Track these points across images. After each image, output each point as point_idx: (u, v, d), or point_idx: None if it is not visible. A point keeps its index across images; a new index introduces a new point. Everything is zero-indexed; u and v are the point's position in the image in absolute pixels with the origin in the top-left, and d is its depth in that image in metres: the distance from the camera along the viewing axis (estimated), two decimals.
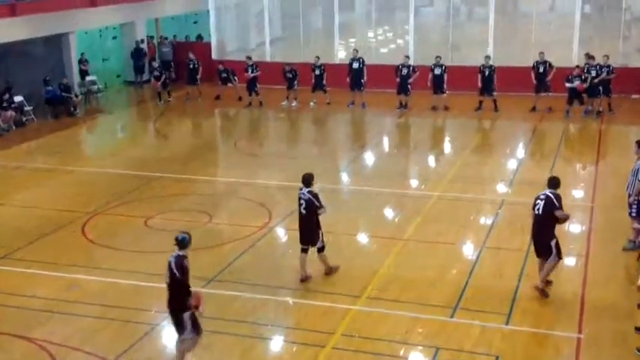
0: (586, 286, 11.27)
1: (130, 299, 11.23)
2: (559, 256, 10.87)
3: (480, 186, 16.43)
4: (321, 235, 11.59)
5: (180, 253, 8.86)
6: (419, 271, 12.07)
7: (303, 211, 11.48)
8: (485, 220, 14.43)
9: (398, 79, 23.67)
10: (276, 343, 10.07)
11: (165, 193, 16.39)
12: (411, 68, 23.67)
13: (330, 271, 11.83)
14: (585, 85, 21.76)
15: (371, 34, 30.14)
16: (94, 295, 11.33)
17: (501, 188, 16.37)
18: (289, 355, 9.83)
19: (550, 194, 10.81)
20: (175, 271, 8.73)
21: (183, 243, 8.88)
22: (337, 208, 15.74)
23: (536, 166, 18.17)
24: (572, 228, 13.76)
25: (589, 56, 22.61)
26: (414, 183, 17.42)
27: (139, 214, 14.89)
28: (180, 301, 8.79)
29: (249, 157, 19.61)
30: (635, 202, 12.31)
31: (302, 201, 11.44)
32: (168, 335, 10.30)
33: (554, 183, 11.00)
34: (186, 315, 8.80)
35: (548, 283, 11.07)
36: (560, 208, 10.73)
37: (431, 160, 19.46)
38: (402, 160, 19.65)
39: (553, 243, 10.79)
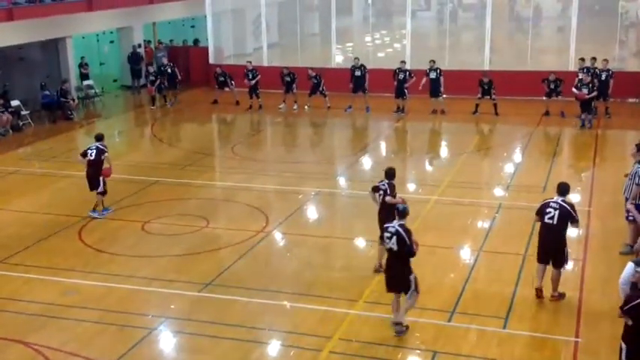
0: (583, 290, 11.28)
1: (127, 304, 11.21)
2: (567, 262, 10.92)
3: (477, 190, 16.45)
4: None
5: (402, 222, 9.95)
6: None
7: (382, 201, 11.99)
8: (483, 225, 14.44)
9: (395, 83, 23.76)
10: (274, 348, 10.06)
11: (163, 197, 16.38)
12: (408, 73, 23.75)
13: (379, 268, 11.91)
14: (588, 96, 21.40)
15: (368, 39, 30.20)
16: (91, 300, 11.31)
17: (498, 192, 16.39)
18: (287, 359, 9.83)
19: (565, 204, 10.61)
20: (406, 237, 9.75)
21: (404, 213, 10.02)
22: (334, 212, 15.81)
23: (533, 170, 18.17)
24: (569, 232, 13.71)
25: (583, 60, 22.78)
26: (411, 187, 17.41)
27: (136, 218, 14.88)
28: (408, 264, 9.93)
29: (247, 161, 19.61)
30: (633, 206, 12.29)
31: (381, 191, 11.87)
32: (166, 339, 10.32)
33: (564, 190, 10.79)
34: (412, 276, 9.96)
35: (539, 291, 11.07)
36: (577, 218, 10.69)
37: (428, 165, 19.49)
38: (399, 165, 19.49)
39: (567, 250, 10.81)
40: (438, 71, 23.53)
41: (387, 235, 9.97)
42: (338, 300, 11.14)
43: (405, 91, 23.71)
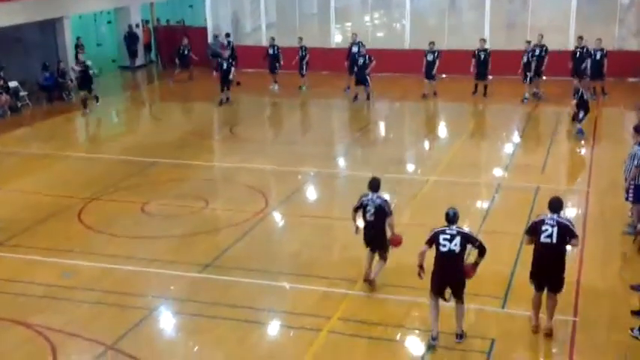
0: (582, 270, 11.31)
1: (126, 285, 11.24)
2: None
3: (475, 170, 16.45)
4: None
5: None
6: (415, 255, 12.07)
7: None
8: (482, 205, 14.46)
9: (355, 69, 23.03)
10: (273, 328, 10.11)
11: (162, 178, 16.38)
12: (367, 57, 22.81)
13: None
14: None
15: (367, 18, 30.06)
16: (92, 281, 11.35)
17: (497, 173, 16.40)
18: (286, 339, 9.87)
19: (564, 222, 9.35)
20: (473, 236, 9.69)
21: (457, 216, 9.72)
22: (333, 193, 15.81)
23: (531, 150, 18.18)
24: (568, 213, 13.73)
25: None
26: (410, 167, 17.43)
27: (135, 200, 14.88)
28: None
29: (245, 142, 19.58)
30: (631, 187, 12.29)
31: (370, 208, 11.34)
32: (166, 320, 10.37)
33: (558, 206, 9.43)
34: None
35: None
36: (576, 234, 9.48)
37: (426, 146, 19.47)
38: (398, 145, 19.60)
39: (564, 274, 9.57)
40: (436, 54, 23.23)
41: (445, 237, 9.55)
42: (337, 280, 11.17)
43: (367, 77, 22.73)
